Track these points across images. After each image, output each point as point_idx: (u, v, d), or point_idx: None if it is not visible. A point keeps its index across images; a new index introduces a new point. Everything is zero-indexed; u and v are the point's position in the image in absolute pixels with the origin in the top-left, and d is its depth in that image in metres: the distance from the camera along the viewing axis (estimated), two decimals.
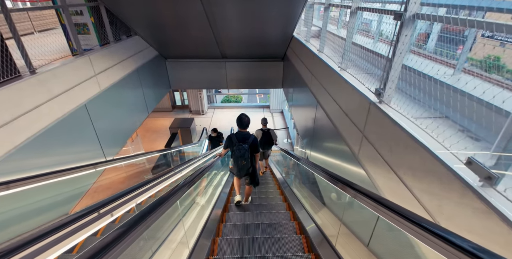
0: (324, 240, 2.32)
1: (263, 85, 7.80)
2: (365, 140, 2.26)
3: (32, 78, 2.94)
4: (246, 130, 3.47)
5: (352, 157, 2.54)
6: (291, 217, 3.42)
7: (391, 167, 1.85)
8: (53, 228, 1.10)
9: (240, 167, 3.43)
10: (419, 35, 2.47)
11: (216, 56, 7.10)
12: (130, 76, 5.16)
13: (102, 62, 4.22)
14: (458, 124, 1.73)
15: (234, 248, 2.62)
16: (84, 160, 3.78)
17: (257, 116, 14.52)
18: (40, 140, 3.00)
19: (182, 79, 7.51)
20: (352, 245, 1.95)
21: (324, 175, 2.13)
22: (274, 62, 7.30)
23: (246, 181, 3.77)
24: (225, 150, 3.69)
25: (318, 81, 3.71)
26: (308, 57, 4.28)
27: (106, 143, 4.26)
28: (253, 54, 7.07)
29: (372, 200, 1.33)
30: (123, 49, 4.93)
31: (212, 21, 5.18)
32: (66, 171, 2.71)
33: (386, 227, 1.55)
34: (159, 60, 6.86)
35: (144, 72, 5.79)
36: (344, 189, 1.69)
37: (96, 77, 4.04)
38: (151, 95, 6.30)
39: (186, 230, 2.22)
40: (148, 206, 1.37)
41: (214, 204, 3.60)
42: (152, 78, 6.36)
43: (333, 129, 3.07)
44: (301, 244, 2.62)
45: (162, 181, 2.49)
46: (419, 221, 0.99)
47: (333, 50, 3.56)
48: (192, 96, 14.00)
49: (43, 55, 3.47)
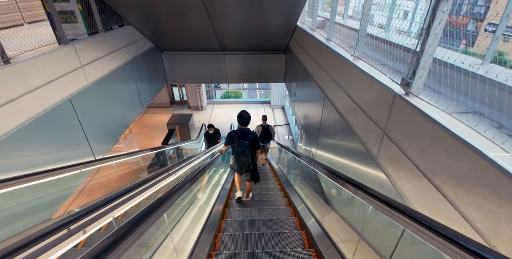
0: (324, 235, 2.29)
1: (264, 79, 7.42)
2: (386, 140, 1.93)
3: (5, 68, 2.60)
4: (247, 127, 3.47)
5: (369, 158, 2.21)
6: (292, 212, 3.44)
7: (424, 173, 1.53)
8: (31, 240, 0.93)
9: (241, 163, 3.44)
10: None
11: (215, 48, 6.73)
12: (122, 68, 4.80)
13: (89, 52, 3.87)
14: (495, 121, 1.41)
15: (235, 244, 2.63)
16: (70, 160, 3.45)
17: (258, 111, 14.19)
18: (16, 138, 2.67)
19: (179, 73, 7.15)
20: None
21: (332, 176, 1.82)
22: (276, 55, 6.93)
23: (247, 177, 3.77)
24: (226, 147, 3.70)
25: (326, 73, 3.37)
26: (315, 47, 3.93)
27: (95, 141, 3.94)
28: (253, 46, 6.69)
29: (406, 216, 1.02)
30: (114, 39, 4.57)
31: (210, 10, 4.80)
32: (47, 173, 2.38)
33: (412, 241, 1.26)
34: (155, 52, 6.49)
35: (138, 65, 5.43)
36: (361, 195, 1.37)
37: (82, 68, 3.69)
38: (146, 89, 5.95)
39: (188, 226, 2.23)
40: (152, 203, 1.35)
41: (216, 200, 3.58)
42: (147, 71, 6.00)
43: (344, 126, 2.74)
44: (302, 239, 2.63)
45: (156, 183, 2.22)
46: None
47: (344, 37, 3.19)
48: (191, 91, 13.65)
49: (26, 46, 3.12)
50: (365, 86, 2.28)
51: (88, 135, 3.77)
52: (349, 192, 1.59)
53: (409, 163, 1.65)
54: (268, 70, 7.15)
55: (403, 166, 1.72)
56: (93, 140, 3.89)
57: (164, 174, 2.58)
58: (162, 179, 2.40)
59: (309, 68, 4.33)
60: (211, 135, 7.35)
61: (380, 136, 2.02)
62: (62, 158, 3.35)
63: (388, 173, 1.93)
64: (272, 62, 7.02)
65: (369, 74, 2.21)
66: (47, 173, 2.36)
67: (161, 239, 1.75)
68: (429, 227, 0.91)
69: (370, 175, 2.24)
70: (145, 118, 13.17)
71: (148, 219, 1.16)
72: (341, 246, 1.99)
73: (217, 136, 7.49)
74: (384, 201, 1.21)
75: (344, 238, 2.07)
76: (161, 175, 2.42)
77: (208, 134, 7.41)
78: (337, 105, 2.98)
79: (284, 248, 2.53)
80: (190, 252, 2.13)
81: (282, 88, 13.97)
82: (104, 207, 1.36)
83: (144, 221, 1.12)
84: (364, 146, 2.30)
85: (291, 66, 6.22)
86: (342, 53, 2.90)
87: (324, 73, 3.45)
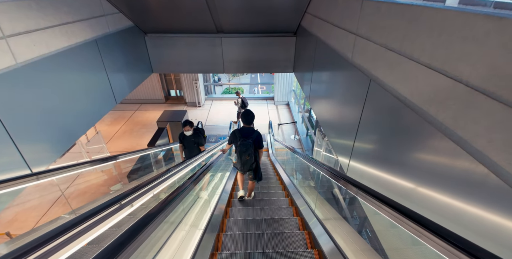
0: (327, 236, 2.17)
1: (268, 69, 6.17)
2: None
3: None
4: (250, 125, 3.48)
5: (501, 189, 1.00)
6: (294, 212, 3.38)
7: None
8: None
9: (243, 162, 3.45)
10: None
11: (210, 30, 5.50)
12: (82, 49, 3.59)
13: (20, 18, 2.65)
14: None
15: (238, 243, 2.58)
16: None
17: (260, 108, 12.96)
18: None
19: (166, 61, 5.92)
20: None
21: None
22: (283, 38, 5.68)
23: (249, 176, 3.77)
24: (229, 145, 3.71)
25: (376, 42, 2.13)
26: (352, 8, 2.68)
27: (31, 147, 2.74)
28: (256, 26, 5.45)
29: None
30: (67, 6, 3.34)
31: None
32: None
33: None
34: (135, 34, 5.27)
35: (108, 47, 4.22)
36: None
37: (6, 41, 2.48)
38: (122, 79, 4.74)
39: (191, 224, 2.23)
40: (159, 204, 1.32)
41: (218, 199, 3.52)
42: (124, 57, 4.78)
43: (425, 127, 1.52)
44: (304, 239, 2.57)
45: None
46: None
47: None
48: (187, 86, 12.47)
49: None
50: (492, 49, 1.06)
51: (18, 139, 2.57)
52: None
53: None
54: (274, 57, 5.90)
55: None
56: (28, 146, 2.69)
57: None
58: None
59: (337, 45, 3.09)
60: (188, 138, 4.63)
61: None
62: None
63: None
64: (279, 47, 5.77)
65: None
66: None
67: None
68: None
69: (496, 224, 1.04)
70: (137, 115, 12.01)
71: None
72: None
73: (199, 139, 4.66)
74: None
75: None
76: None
77: (183, 136, 4.66)
78: (404, 91, 1.75)
79: (289, 248, 2.47)
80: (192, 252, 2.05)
81: (287, 82, 12.72)
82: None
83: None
84: (489, 167, 1.09)
85: (304, 51, 4.98)
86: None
87: (371, 44, 2.21)
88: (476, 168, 1.18)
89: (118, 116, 11.92)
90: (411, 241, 1.32)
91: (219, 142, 6.43)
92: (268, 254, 2.32)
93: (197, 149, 4.69)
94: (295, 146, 9.73)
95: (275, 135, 9.14)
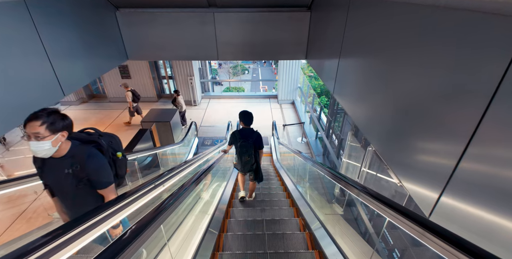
0: (328, 237, 2.19)
1: (274, 55, 4.88)
2: None
3: None
4: (250, 126, 3.54)
5: None
6: (295, 213, 3.39)
7: None
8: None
9: (244, 163, 3.51)
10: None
11: (200, 2, 4.24)
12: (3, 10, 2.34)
13: None
14: None
15: (239, 244, 2.58)
16: None
17: (262, 108, 11.68)
18: None
19: (146, 44, 4.66)
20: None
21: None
22: (294, 13, 4.40)
23: (250, 177, 3.80)
24: (230, 146, 3.84)
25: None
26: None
27: None
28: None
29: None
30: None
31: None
32: None
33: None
34: (100, 7, 4.02)
35: (51, 18, 2.97)
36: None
37: None
38: (76, 67, 3.48)
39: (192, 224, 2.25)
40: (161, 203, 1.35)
41: (219, 199, 3.58)
42: (79, 36, 3.52)
43: None
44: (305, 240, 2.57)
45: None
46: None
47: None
48: (182, 83, 11.27)
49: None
50: None
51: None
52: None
53: None
54: (280, 39, 4.62)
55: None
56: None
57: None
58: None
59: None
60: (51, 165, 1.66)
61: None
62: None
63: None
64: (287, 26, 4.49)
65: None
66: None
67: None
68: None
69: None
70: (126, 114, 10.74)
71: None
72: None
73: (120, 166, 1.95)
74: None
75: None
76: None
77: (42, 160, 1.65)
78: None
79: (290, 249, 2.49)
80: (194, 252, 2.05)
81: (292, 79, 11.44)
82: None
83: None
84: None
85: (326, 29, 3.69)
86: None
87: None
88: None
89: (105, 116, 10.70)
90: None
91: (215, 146, 5.15)
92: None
93: (85, 198, 1.75)
94: (303, 150, 8.44)
95: (280, 137, 7.84)
